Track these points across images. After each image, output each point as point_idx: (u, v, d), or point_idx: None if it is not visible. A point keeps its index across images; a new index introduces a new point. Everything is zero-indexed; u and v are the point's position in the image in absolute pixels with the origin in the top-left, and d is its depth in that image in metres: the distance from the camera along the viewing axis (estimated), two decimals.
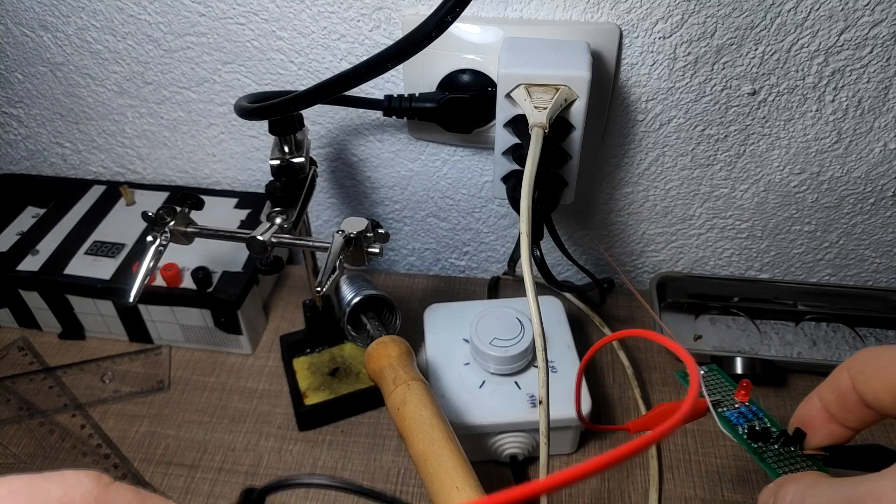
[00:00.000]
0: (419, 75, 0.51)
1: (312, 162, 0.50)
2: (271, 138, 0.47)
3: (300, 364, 0.55)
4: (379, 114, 0.54)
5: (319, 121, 0.58)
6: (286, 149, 0.47)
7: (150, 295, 0.54)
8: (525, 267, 0.40)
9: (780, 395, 0.54)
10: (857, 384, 0.28)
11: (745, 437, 0.34)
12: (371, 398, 0.53)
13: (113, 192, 0.64)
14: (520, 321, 0.49)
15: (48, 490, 0.19)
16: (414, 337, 0.50)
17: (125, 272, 0.55)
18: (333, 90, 0.40)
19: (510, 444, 0.47)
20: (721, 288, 0.60)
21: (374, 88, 0.55)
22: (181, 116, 0.61)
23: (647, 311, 0.61)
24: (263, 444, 0.51)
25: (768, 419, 0.34)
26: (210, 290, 0.54)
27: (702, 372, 0.36)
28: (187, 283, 0.55)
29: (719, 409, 0.35)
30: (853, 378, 0.29)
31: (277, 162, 0.47)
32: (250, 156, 0.63)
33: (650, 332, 0.28)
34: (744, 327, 0.58)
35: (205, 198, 0.49)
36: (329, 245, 0.43)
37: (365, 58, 0.39)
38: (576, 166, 0.48)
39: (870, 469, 0.25)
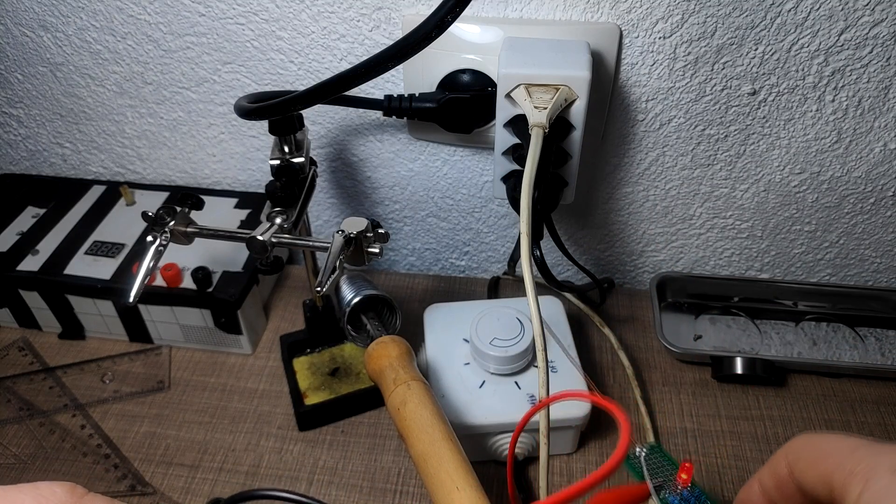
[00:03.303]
0: (419, 75, 0.51)
1: (312, 162, 0.50)
2: (271, 138, 0.47)
3: (300, 364, 0.55)
4: (379, 114, 0.54)
5: (319, 121, 0.58)
6: (286, 149, 0.47)
7: (150, 295, 0.54)
8: (525, 267, 0.40)
9: (780, 395, 0.54)
10: (794, 472, 0.27)
11: None
12: (371, 398, 0.53)
13: (113, 192, 0.64)
14: (520, 321, 0.49)
15: (21, 501, 0.19)
16: (414, 337, 0.50)
17: (125, 272, 0.55)
18: (333, 90, 0.40)
19: None
20: (721, 288, 0.60)
21: (374, 88, 0.55)
22: (181, 116, 0.61)
23: (647, 311, 0.61)
24: (264, 445, 0.51)
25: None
26: (210, 290, 0.54)
27: (644, 452, 0.35)
28: (187, 283, 0.55)
29: (661, 494, 0.33)
30: (790, 465, 0.27)
31: (277, 162, 0.47)
32: (250, 156, 0.63)
33: (584, 393, 0.27)
34: (744, 327, 0.58)
35: (205, 198, 0.49)
36: (329, 245, 0.43)
37: (365, 58, 0.39)
38: (576, 166, 0.48)
39: None
